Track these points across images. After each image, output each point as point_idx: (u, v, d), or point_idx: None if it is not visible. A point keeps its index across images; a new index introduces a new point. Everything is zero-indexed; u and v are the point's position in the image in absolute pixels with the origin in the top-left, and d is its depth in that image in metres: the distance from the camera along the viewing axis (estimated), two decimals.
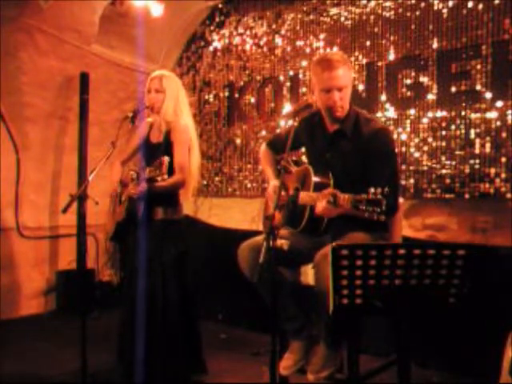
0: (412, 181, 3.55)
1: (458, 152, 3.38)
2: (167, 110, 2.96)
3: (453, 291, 1.88)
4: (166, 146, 2.93)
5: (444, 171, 3.43)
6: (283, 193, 2.65)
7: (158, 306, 2.88)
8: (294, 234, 2.56)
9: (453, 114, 3.40)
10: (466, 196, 3.33)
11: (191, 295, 3.04)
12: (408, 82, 3.59)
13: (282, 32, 4.35)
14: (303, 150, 3.87)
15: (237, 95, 4.66)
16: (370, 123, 2.51)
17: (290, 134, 2.31)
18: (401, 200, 3.10)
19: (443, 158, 3.44)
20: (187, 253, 3.04)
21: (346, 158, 2.48)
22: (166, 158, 2.63)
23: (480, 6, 3.27)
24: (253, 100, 4.56)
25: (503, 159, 3.21)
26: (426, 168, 3.51)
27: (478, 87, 3.29)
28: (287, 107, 4.28)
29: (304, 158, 3.69)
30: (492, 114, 3.24)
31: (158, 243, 2.92)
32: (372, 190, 1.89)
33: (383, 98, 3.71)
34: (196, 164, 3.04)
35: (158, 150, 2.94)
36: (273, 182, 2.71)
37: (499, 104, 3.21)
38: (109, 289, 4.91)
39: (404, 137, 3.59)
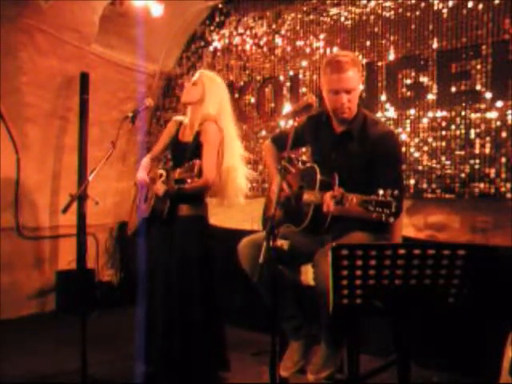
0: (412, 181, 3.55)
1: (457, 152, 3.38)
2: (207, 105, 2.91)
3: (453, 291, 1.88)
4: (195, 147, 2.89)
5: (444, 171, 3.43)
6: (287, 189, 2.65)
7: (184, 302, 2.86)
8: (295, 233, 2.56)
9: (453, 113, 3.40)
10: (466, 196, 3.33)
11: (217, 291, 3.01)
12: (408, 82, 3.59)
13: (282, 32, 4.35)
14: (303, 149, 3.91)
15: (237, 95, 4.66)
16: (377, 126, 2.52)
17: (290, 133, 2.30)
18: None
19: (443, 158, 3.44)
20: (212, 248, 3.02)
21: (352, 160, 2.48)
22: (198, 162, 2.61)
23: (480, 6, 3.27)
24: (253, 100, 4.56)
25: (503, 159, 3.21)
26: (426, 168, 3.51)
27: (478, 87, 3.29)
28: (287, 107, 4.27)
29: (304, 158, 3.69)
30: (492, 114, 3.24)
31: (183, 239, 2.91)
32: (381, 191, 1.90)
33: (383, 98, 3.71)
34: (231, 167, 2.96)
35: (187, 149, 2.92)
36: (277, 179, 2.71)
37: (499, 104, 3.21)
38: (109, 289, 4.91)
39: (404, 137, 3.59)
